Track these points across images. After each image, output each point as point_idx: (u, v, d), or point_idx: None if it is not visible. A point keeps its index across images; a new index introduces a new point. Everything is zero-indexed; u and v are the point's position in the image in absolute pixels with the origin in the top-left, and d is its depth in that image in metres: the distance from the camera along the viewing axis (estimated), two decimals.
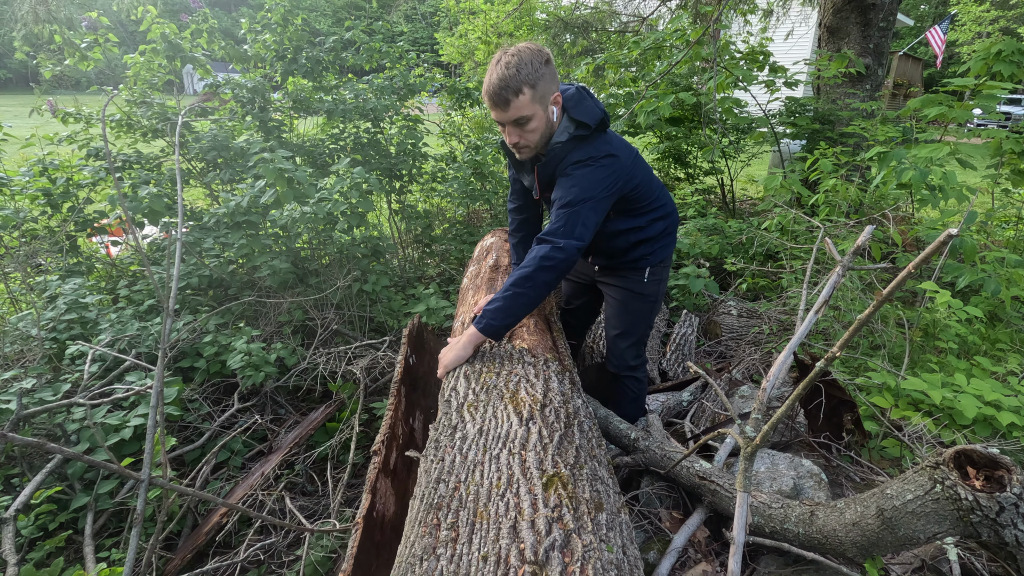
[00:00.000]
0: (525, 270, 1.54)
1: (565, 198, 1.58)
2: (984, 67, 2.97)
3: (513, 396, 1.38)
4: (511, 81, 1.46)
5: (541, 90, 1.50)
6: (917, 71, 15.19)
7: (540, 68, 1.48)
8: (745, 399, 2.33)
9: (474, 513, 1.04)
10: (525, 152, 1.64)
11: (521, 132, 1.57)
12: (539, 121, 1.55)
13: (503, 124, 1.57)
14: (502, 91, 1.47)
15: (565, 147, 1.61)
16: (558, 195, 1.60)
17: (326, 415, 2.40)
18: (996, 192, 3.58)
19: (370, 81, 3.82)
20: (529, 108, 1.51)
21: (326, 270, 3.02)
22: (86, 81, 3.72)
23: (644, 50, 4.52)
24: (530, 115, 1.52)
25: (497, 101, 1.49)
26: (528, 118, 1.53)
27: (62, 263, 2.97)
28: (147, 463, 1.42)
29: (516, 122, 1.54)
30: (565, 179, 1.60)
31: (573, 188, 1.58)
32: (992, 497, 1.05)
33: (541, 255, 1.54)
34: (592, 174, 1.59)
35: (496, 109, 1.52)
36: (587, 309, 2.29)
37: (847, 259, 1.28)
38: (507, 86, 1.46)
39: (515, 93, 1.47)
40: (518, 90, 1.47)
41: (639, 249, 1.89)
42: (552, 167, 1.65)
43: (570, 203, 1.57)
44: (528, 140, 1.59)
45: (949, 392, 1.91)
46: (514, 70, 1.45)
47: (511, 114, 1.51)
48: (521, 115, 1.52)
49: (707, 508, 1.69)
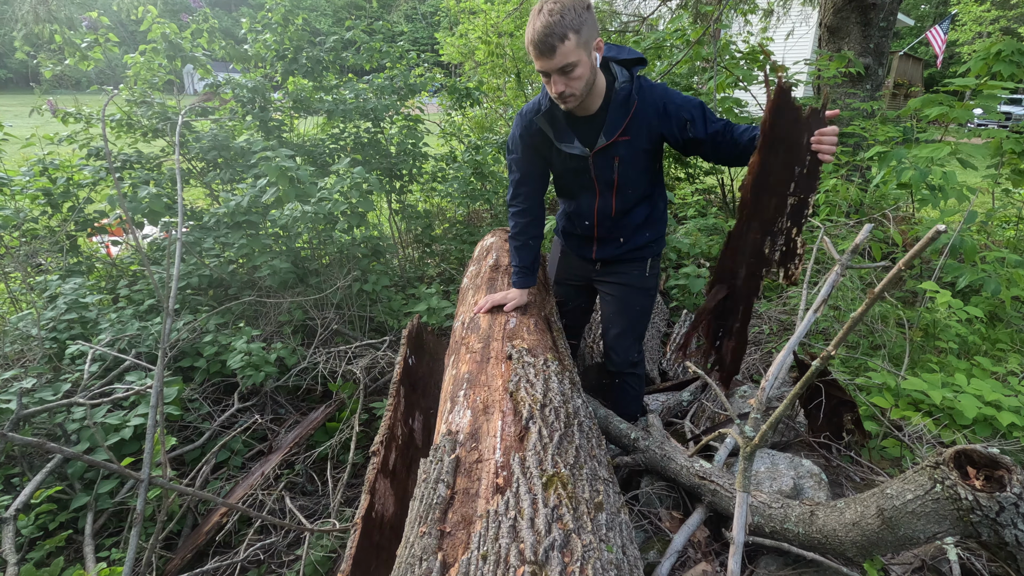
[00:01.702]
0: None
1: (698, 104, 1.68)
2: (984, 67, 2.97)
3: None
4: (556, 27, 1.44)
5: (585, 35, 1.49)
6: (918, 71, 15.18)
7: (583, 13, 1.48)
8: (745, 399, 2.33)
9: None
10: (571, 101, 1.61)
11: (567, 80, 1.54)
12: (584, 67, 1.54)
13: (548, 73, 1.56)
14: (547, 38, 1.45)
15: (635, 83, 1.66)
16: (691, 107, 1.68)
17: (326, 415, 2.40)
18: (996, 192, 3.58)
19: (370, 81, 3.82)
20: (575, 54, 1.49)
21: (326, 270, 3.02)
22: (86, 81, 3.72)
23: (644, 50, 4.51)
24: (576, 61, 1.51)
25: (543, 49, 1.48)
26: (574, 64, 1.51)
27: (62, 263, 2.97)
28: (147, 463, 1.43)
29: (562, 70, 1.52)
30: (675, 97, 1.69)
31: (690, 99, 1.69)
32: (992, 497, 1.05)
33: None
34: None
35: (542, 58, 1.50)
36: (582, 309, 2.29)
37: (845, 258, 1.28)
38: (552, 32, 1.45)
39: (561, 39, 1.46)
40: (563, 36, 1.45)
41: (647, 232, 1.91)
42: (628, 104, 1.67)
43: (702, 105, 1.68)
44: (574, 88, 1.57)
45: (949, 392, 1.91)
46: (558, 16, 1.44)
47: (557, 61, 1.49)
48: (568, 61, 1.50)
49: (707, 508, 1.69)
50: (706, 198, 5.42)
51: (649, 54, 4.60)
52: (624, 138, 1.71)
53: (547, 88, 1.63)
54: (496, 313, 1.87)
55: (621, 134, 1.70)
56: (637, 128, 1.69)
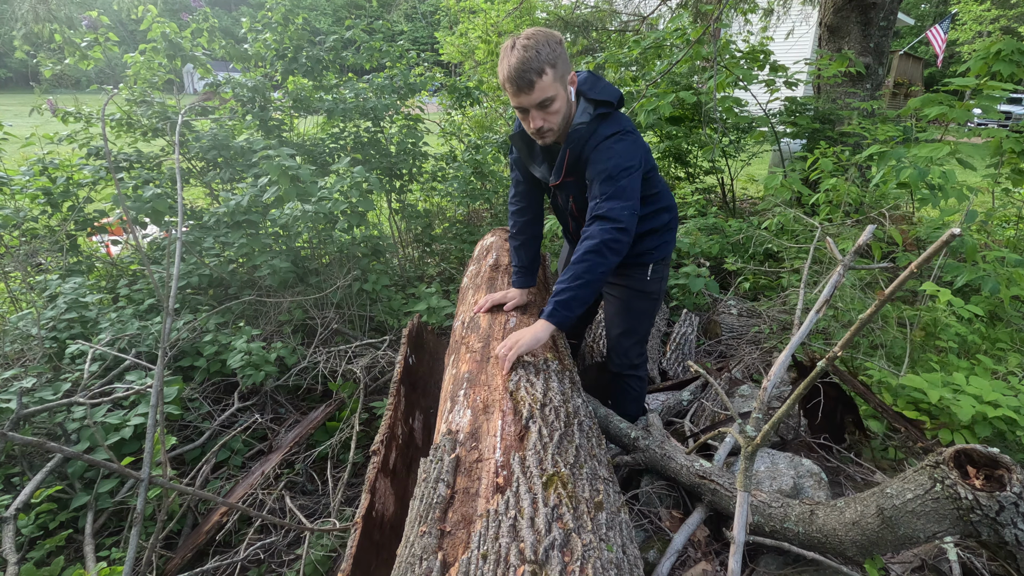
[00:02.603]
0: (591, 258, 1.55)
1: (606, 171, 1.57)
2: (984, 67, 2.97)
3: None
4: (533, 62, 1.45)
5: (560, 69, 1.50)
6: (918, 70, 15.17)
7: (556, 47, 1.48)
8: (745, 398, 2.33)
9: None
10: (549, 136, 1.63)
11: (545, 115, 1.55)
12: (561, 102, 1.55)
13: (526, 109, 1.56)
14: (525, 73, 1.45)
15: (590, 126, 1.61)
16: (597, 170, 1.59)
17: (326, 414, 2.40)
18: (996, 191, 3.58)
19: (370, 80, 3.82)
20: (553, 88, 1.50)
21: (326, 269, 3.02)
22: (86, 80, 3.71)
23: (644, 49, 4.51)
24: (553, 95, 1.51)
25: (521, 84, 1.48)
26: (552, 99, 1.52)
27: (62, 262, 2.97)
28: (147, 462, 1.43)
29: (540, 104, 1.52)
30: (600, 153, 1.59)
31: (611, 160, 1.57)
32: (992, 496, 1.05)
33: (606, 240, 1.54)
34: (627, 146, 1.60)
35: (520, 94, 1.50)
36: (584, 311, 2.28)
37: (848, 258, 1.28)
38: (530, 67, 1.45)
39: (538, 74, 1.46)
40: (541, 70, 1.46)
41: (644, 242, 1.89)
42: (580, 146, 1.64)
43: (612, 175, 1.56)
44: (552, 123, 1.58)
45: (948, 391, 1.91)
46: (534, 51, 1.44)
47: (535, 96, 1.50)
48: (546, 96, 1.50)
49: (707, 507, 1.69)
50: (706, 198, 5.42)
51: (649, 54, 4.60)
52: (569, 179, 1.72)
53: (523, 124, 1.63)
54: (496, 313, 1.87)
55: (565, 175, 1.71)
56: (575, 172, 1.69)
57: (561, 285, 1.58)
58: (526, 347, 1.52)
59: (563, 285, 1.57)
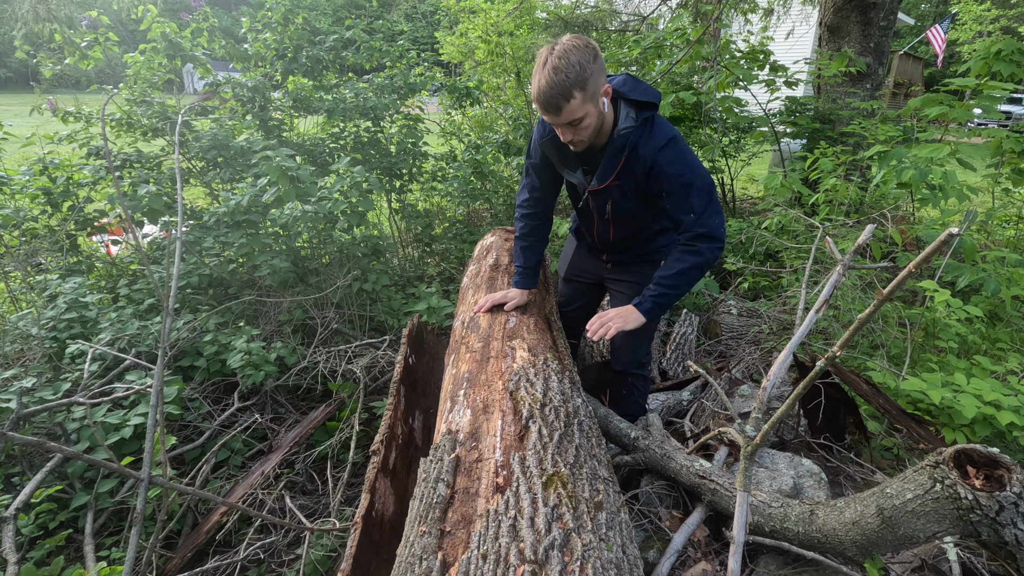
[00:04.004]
0: (695, 274, 1.65)
1: (691, 183, 1.58)
2: (984, 67, 2.97)
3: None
4: (561, 87, 1.41)
5: (591, 89, 1.46)
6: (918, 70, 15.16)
7: (589, 66, 1.43)
8: (745, 398, 2.33)
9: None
10: (579, 146, 1.62)
11: (575, 131, 1.54)
12: (591, 118, 1.52)
13: (556, 125, 1.56)
14: (552, 98, 1.43)
15: (637, 130, 1.60)
16: (679, 183, 1.60)
17: (326, 414, 2.40)
18: (996, 191, 3.58)
19: (370, 80, 3.82)
20: (581, 110, 1.47)
21: (326, 269, 3.02)
22: (86, 80, 3.71)
23: (644, 49, 4.51)
24: (582, 116, 1.49)
25: (548, 107, 1.46)
26: (580, 119, 1.50)
27: (62, 262, 2.97)
28: (147, 462, 1.43)
29: (569, 123, 1.52)
30: (672, 163, 1.59)
31: (692, 170, 1.58)
32: (992, 496, 1.05)
33: (711, 260, 1.63)
34: (690, 152, 1.61)
35: (547, 114, 1.49)
36: (586, 309, 2.28)
37: (848, 258, 1.28)
38: (558, 92, 1.42)
39: (566, 98, 1.43)
40: (568, 95, 1.43)
41: (658, 239, 1.91)
42: (632, 150, 1.62)
43: (700, 188, 1.59)
44: (581, 136, 1.56)
45: (949, 392, 1.91)
46: (563, 75, 1.40)
47: (563, 118, 1.49)
48: (574, 117, 1.49)
49: (707, 507, 1.69)
50: None
51: (649, 53, 4.60)
52: (615, 183, 1.71)
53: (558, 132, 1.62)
54: (496, 312, 1.87)
55: (613, 180, 1.70)
56: (627, 176, 1.68)
57: (662, 288, 1.68)
58: (632, 326, 1.70)
59: (664, 288, 1.68)
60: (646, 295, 1.70)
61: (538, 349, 1.63)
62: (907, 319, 2.46)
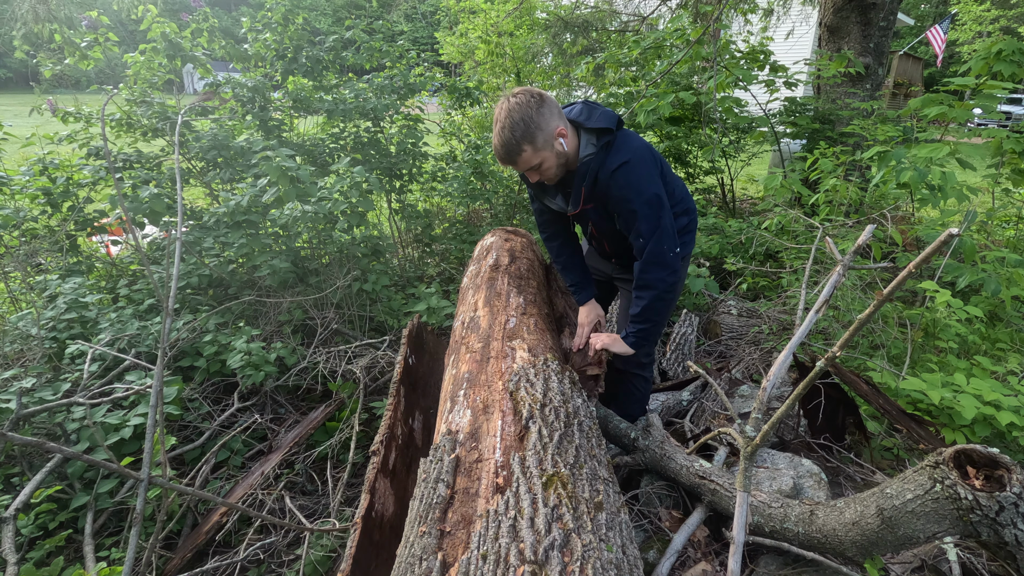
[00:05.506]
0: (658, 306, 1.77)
1: (633, 208, 1.65)
2: (984, 67, 2.97)
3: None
4: (510, 144, 1.59)
5: (541, 139, 1.60)
6: (917, 70, 15.16)
7: (533, 119, 1.57)
8: (745, 399, 2.33)
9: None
10: (550, 181, 1.74)
11: (538, 172, 1.69)
12: (549, 160, 1.65)
13: (519, 172, 1.73)
14: (506, 155, 1.62)
15: (597, 157, 1.67)
16: (625, 208, 1.67)
17: (326, 414, 2.40)
18: (996, 192, 3.58)
19: (370, 80, 3.82)
20: (536, 158, 1.62)
21: (326, 269, 3.02)
22: (86, 80, 3.71)
23: (644, 49, 4.51)
24: (539, 162, 1.64)
25: (505, 162, 1.65)
26: (538, 164, 1.65)
27: (62, 262, 2.97)
28: (147, 462, 1.43)
29: (528, 170, 1.67)
30: (619, 188, 1.66)
31: (632, 192, 1.64)
32: (992, 496, 1.05)
33: (662, 292, 1.73)
34: (640, 173, 1.66)
35: (507, 165, 1.68)
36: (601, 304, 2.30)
37: (848, 258, 1.28)
38: (510, 150, 1.60)
39: (518, 153, 1.60)
40: (519, 150, 1.59)
41: None
42: (592, 177, 1.70)
43: (644, 212, 1.65)
44: (545, 175, 1.70)
45: (949, 392, 1.91)
46: (509, 133, 1.57)
47: (521, 168, 1.66)
48: (530, 166, 1.65)
49: (707, 507, 1.69)
50: (706, 198, 5.42)
51: (649, 54, 4.60)
52: (588, 207, 1.79)
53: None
54: (496, 313, 1.87)
55: (584, 204, 1.78)
56: (595, 199, 1.76)
57: (637, 325, 1.81)
58: (617, 351, 1.85)
59: (639, 325, 1.81)
60: (628, 331, 1.84)
61: (538, 349, 1.63)
62: (907, 319, 2.46)
